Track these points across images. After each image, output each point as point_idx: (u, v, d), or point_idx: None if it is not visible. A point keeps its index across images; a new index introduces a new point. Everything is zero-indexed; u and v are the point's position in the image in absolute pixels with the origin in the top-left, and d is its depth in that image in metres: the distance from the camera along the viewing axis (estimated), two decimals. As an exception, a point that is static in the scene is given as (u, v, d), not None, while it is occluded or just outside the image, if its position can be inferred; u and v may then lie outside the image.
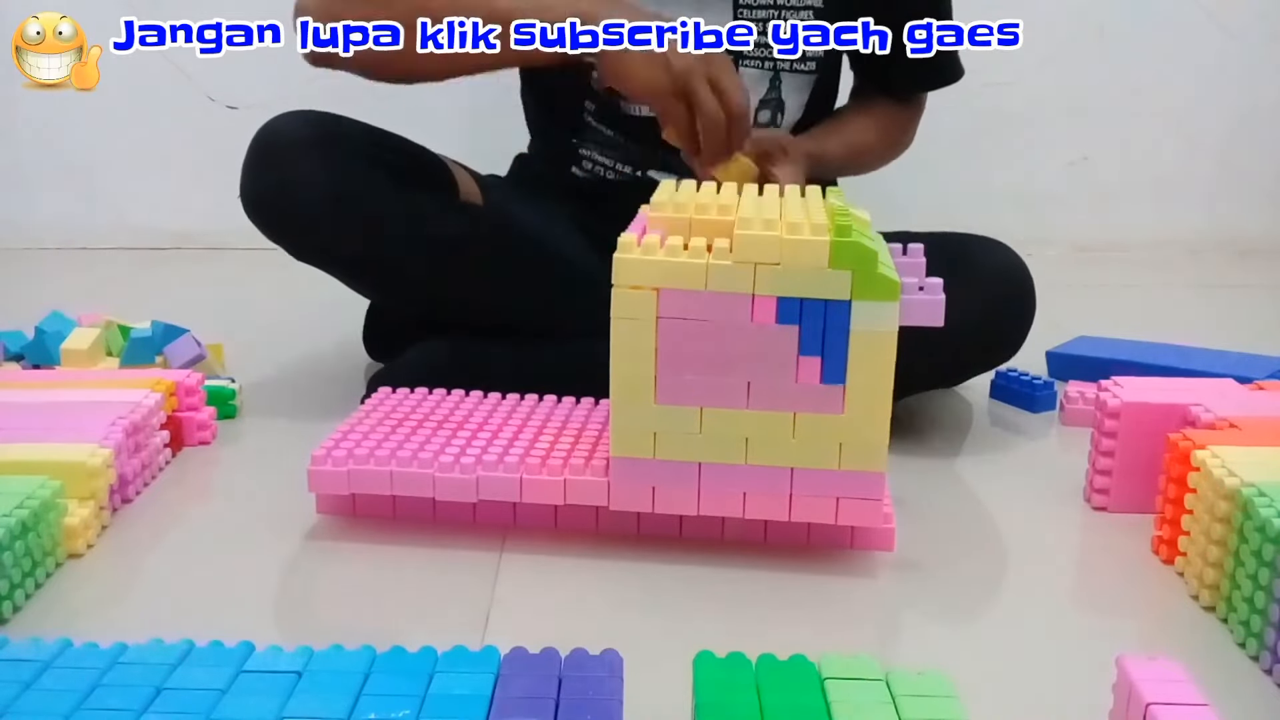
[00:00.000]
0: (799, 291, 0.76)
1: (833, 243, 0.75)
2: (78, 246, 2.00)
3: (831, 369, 0.77)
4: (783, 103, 1.18)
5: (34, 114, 1.95)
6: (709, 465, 0.80)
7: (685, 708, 0.61)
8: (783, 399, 0.78)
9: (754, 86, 1.15)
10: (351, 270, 1.15)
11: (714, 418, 0.79)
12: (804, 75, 1.18)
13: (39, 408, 0.95)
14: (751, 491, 0.80)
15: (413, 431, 0.90)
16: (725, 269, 0.76)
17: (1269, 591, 0.68)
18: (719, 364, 0.78)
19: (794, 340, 0.77)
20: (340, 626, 0.75)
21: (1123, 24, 1.95)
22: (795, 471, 0.80)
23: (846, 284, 0.75)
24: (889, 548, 0.84)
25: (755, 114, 1.16)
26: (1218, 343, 1.27)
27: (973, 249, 1.08)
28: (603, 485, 0.82)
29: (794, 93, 1.19)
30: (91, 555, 0.83)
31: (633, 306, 0.78)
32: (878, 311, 0.76)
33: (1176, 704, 0.53)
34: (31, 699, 0.56)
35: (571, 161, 1.23)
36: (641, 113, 1.16)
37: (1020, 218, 2.00)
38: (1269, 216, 2.03)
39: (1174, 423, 0.88)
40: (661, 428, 0.80)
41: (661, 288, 0.77)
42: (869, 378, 0.77)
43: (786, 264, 0.76)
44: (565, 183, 1.24)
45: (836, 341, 0.77)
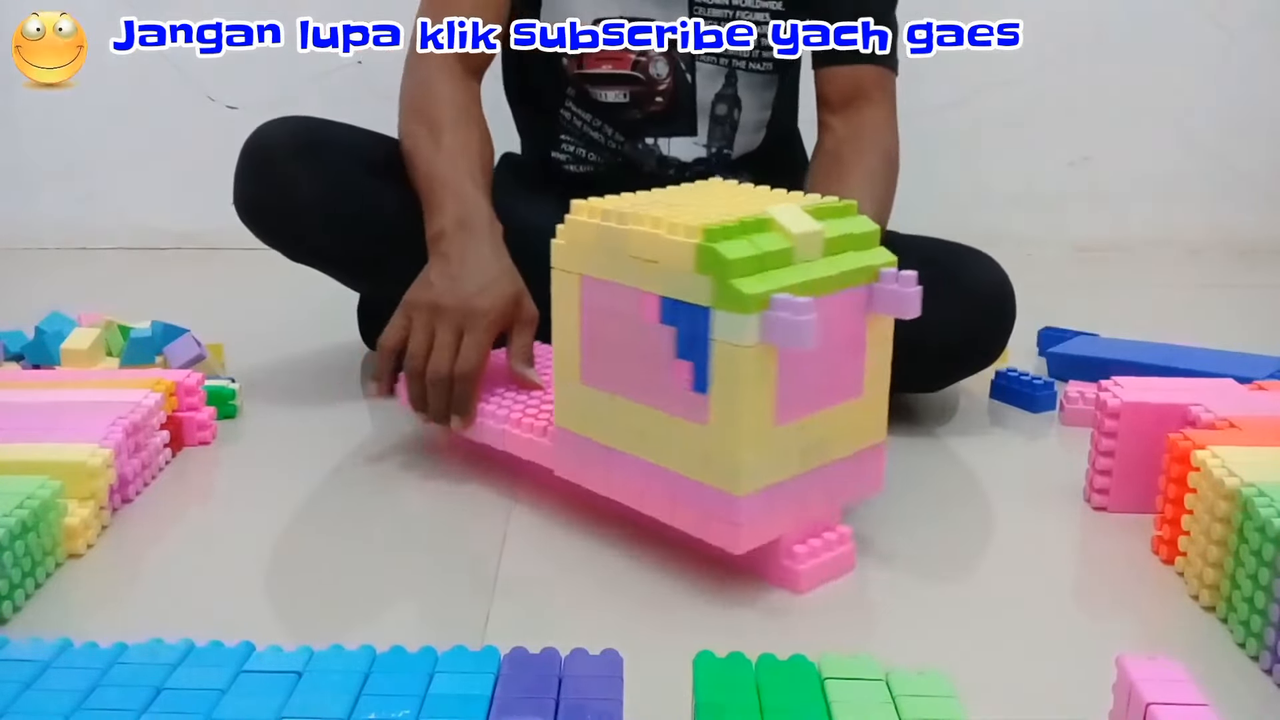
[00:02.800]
0: (674, 292, 0.74)
1: (697, 246, 0.72)
2: (78, 246, 2.00)
3: (699, 376, 0.74)
4: (739, 99, 1.21)
5: (34, 114, 1.95)
6: (618, 452, 0.81)
7: (685, 708, 0.60)
8: (666, 400, 0.77)
9: (710, 82, 1.19)
10: (345, 269, 1.18)
11: (622, 407, 0.80)
12: (761, 75, 1.20)
13: (39, 408, 0.95)
14: (647, 487, 0.80)
15: None
16: (625, 262, 0.76)
17: (1269, 591, 0.68)
18: (625, 355, 0.78)
19: (673, 342, 0.75)
20: (340, 626, 0.75)
21: (1123, 24, 1.95)
22: (677, 475, 0.77)
23: (707, 290, 0.72)
24: (796, 588, 0.78)
25: (714, 106, 1.20)
26: (1218, 343, 1.27)
27: (957, 261, 1.08)
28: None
29: (750, 90, 1.21)
30: (91, 555, 0.83)
31: (565, 289, 0.81)
32: (736, 323, 0.71)
33: (1176, 704, 0.53)
34: (31, 699, 0.56)
35: (553, 148, 1.26)
36: (607, 99, 1.19)
37: (1020, 218, 2.01)
38: (1269, 216, 2.03)
39: (1174, 423, 0.88)
40: (586, 407, 0.82)
41: (583, 274, 0.79)
42: (729, 389, 0.72)
43: (663, 263, 0.74)
44: (550, 172, 1.26)
45: (700, 348, 0.73)
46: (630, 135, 1.21)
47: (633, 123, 1.20)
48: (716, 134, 1.21)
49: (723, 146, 1.22)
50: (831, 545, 0.80)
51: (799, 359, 0.73)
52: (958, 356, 1.08)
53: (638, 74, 1.17)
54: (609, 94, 1.19)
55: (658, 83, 1.17)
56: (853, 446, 0.81)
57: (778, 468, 0.76)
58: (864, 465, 0.82)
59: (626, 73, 1.18)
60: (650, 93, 1.18)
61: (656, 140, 1.21)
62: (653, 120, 1.20)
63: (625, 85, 1.18)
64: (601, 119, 1.21)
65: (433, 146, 1.05)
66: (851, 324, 0.78)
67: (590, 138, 1.23)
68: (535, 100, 1.26)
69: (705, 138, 1.21)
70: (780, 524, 0.77)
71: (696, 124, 1.21)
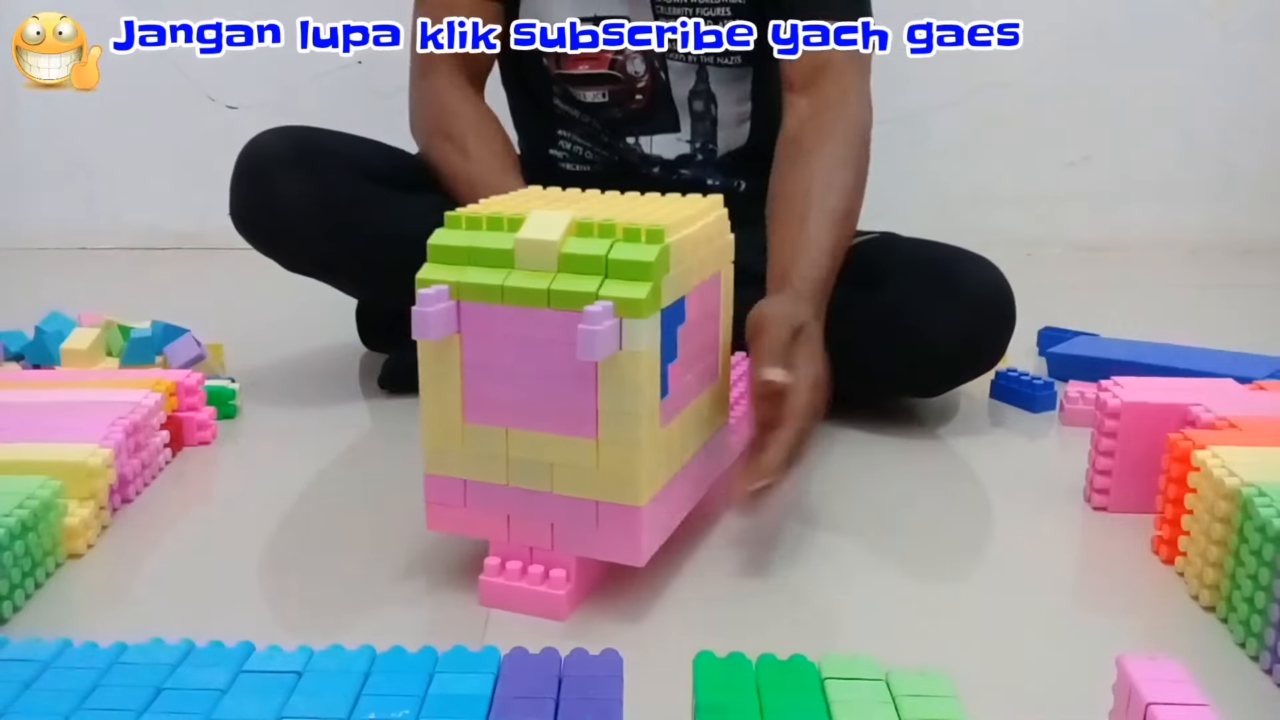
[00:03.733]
0: None
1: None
2: (78, 246, 2.00)
3: None
4: (713, 94, 1.21)
5: (34, 114, 1.95)
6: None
7: (685, 708, 0.61)
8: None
9: (683, 79, 1.19)
10: (342, 277, 1.18)
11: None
12: (732, 69, 1.20)
13: (39, 408, 0.95)
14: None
15: None
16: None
17: (1269, 591, 0.68)
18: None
19: None
20: (340, 626, 0.75)
21: (1123, 24, 1.95)
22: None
23: None
24: None
25: (690, 102, 1.20)
26: (1218, 343, 1.27)
27: (957, 266, 1.08)
28: None
29: (723, 85, 1.21)
30: (91, 555, 0.83)
31: None
32: None
33: (1176, 704, 0.53)
34: (31, 699, 0.56)
35: (550, 146, 1.26)
36: (588, 98, 1.20)
37: (1020, 218, 2.01)
38: (1269, 216, 2.03)
39: (1174, 423, 0.88)
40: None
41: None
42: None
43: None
44: (547, 170, 1.25)
45: None
46: (614, 134, 1.21)
47: (615, 121, 1.20)
48: (699, 130, 1.22)
49: (706, 142, 1.22)
50: None
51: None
52: (958, 362, 1.07)
53: (615, 73, 1.17)
54: (589, 94, 1.19)
55: (636, 81, 1.18)
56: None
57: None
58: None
59: (604, 72, 1.18)
60: (629, 91, 1.18)
61: (639, 138, 1.21)
62: (634, 118, 1.20)
63: (604, 85, 1.19)
64: (590, 117, 1.21)
65: (462, 157, 1.07)
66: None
67: (583, 136, 1.23)
68: (529, 99, 1.26)
69: (689, 134, 1.21)
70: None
71: (679, 120, 1.21)
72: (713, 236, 0.80)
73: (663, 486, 0.75)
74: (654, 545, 0.75)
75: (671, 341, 0.74)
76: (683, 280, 0.74)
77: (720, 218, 0.82)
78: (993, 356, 1.10)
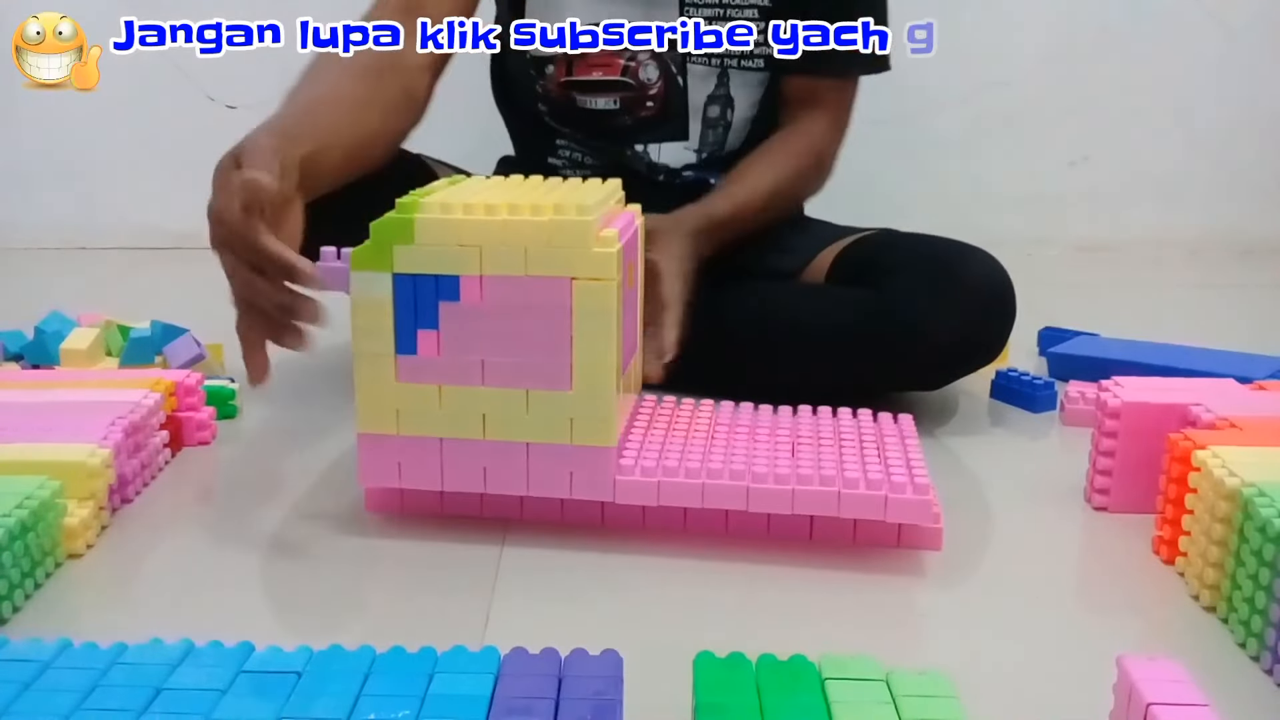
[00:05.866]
0: None
1: None
2: (78, 246, 2.00)
3: None
4: (731, 99, 1.20)
5: (34, 114, 1.95)
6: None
7: (685, 708, 0.60)
8: None
9: (703, 82, 1.19)
10: None
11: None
12: (753, 73, 1.20)
13: (39, 408, 0.95)
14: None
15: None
16: None
17: (1269, 591, 0.68)
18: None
19: None
20: (340, 626, 0.75)
21: (1123, 24, 1.95)
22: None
23: None
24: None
25: (705, 108, 1.20)
26: (1218, 343, 1.27)
27: (957, 258, 1.08)
28: None
29: (743, 89, 1.20)
30: (91, 555, 0.83)
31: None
32: None
33: (1176, 704, 0.53)
34: (31, 699, 0.56)
35: (549, 154, 1.26)
36: (597, 105, 1.19)
37: (1020, 218, 2.01)
38: (1269, 216, 2.03)
39: (1174, 423, 0.88)
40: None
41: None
42: None
43: None
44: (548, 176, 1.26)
45: None
46: (619, 142, 1.21)
47: (622, 129, 1.20)
48: (708, 137, 1.21)
49: (714, 149, 1.22)
50: None
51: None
52: (958, 354, 1.08)
53: (628, 80, 1.17)
54: (599, 101, 1.19)
55: (648, 87, 1.17)
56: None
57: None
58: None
59: (617, 79, 1.17)
60: (641, 98, 1.18)
61: (646, 147, 1.21)
62: (643, 126, 1.20)
63: (616, 91, 1.18)
64: (583, 131, 1.21)
65: (310, 71, 1.02)
66: None
67: (582, 144, 1.22)
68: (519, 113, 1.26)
69: (696, 142, 1.21)
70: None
71: (688, 128, 1.20)
72: None
73: None
74: None
75: None
76: None
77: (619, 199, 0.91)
78: (993, 349, 1.10)
